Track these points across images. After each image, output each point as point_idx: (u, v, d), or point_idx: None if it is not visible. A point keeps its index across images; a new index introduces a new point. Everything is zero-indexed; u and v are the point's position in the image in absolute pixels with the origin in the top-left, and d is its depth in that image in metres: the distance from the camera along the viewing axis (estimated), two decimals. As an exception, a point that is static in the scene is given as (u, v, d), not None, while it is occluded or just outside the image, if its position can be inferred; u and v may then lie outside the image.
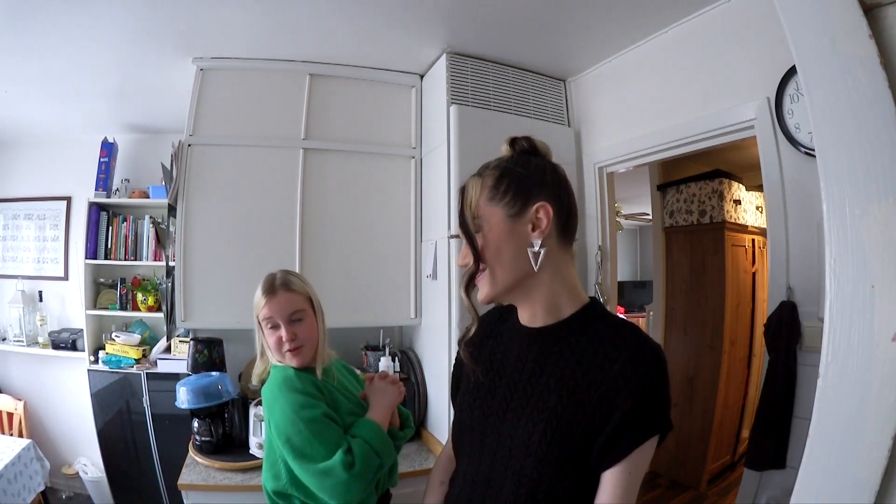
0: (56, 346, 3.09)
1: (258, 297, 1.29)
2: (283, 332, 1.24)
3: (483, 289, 0.82)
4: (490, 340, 0.93)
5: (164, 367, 2.82)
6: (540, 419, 0.77)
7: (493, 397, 0.86)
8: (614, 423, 0.72)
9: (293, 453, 1.11)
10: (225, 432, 1.99)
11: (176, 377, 2.37)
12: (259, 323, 1.29)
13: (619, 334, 0.78)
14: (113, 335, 3.02)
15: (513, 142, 0.86)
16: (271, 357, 1.28)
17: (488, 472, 0.83)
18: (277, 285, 1.28)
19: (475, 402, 0.89)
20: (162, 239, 3.10)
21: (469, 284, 0.83)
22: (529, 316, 0.85)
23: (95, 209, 3.09)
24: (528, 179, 0.81)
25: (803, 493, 0.56)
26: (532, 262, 0.79)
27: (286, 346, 1.24)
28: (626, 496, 0.72)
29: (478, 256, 0.80)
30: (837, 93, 0.54)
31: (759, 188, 3.29)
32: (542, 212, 0.79)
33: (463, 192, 0.84)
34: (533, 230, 0.79)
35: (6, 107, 2.74)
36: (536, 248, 0.79)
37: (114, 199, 3.14)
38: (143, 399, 2.81)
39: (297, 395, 1.15)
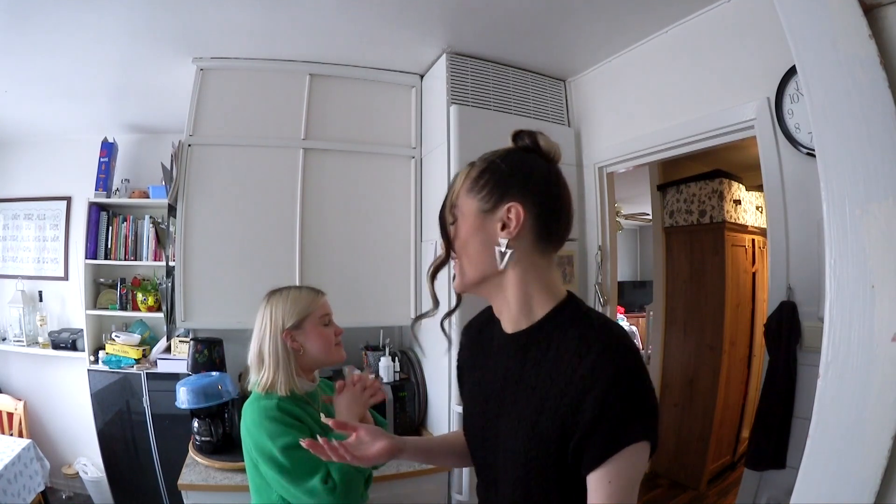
0: (56, 346, 3.09)
1: (306, 299, 1.31)
2: (336, 328, 1.33)
3: (456, 279, 0.83)
4: (480, 347, 0.92)
5: (164, 367, 2.82)
6: (521, 427, 0.76)
7: (488, 404, 0.85)
8: (581, 429, 0.69)
9: (279, 474, 1.14)
10: (225, 432, 1.99)
11: (176, 377, 2.37)
12: (300, 328, 1.27)
13: (586, 336, 0.74)
14: (113, 335, 3.02)
15: (515, 136, 0.83)
16: (290, 371, 1.24)
17: (493, 475, 0.84)
18: (320, 290, 1.38)
19: (475, 409, 0.89)
20: (162, 239, 3.10)
21: (435, 273, 0.84)
22: (506, 319, 0.83)
23: (95, 209, 3.09)
24: (508, 177, 0.78)
25: (803, 493, 0.56)
26: (497, 261, 0.78)
27: (339, 340, 1.32)
28: None
29: (448, 245, 0.81)
30: (837, 93, 0.54)
31: (759, 188, 3.29)
32: (513, 212, 0.76)
33: (454, 181, 0.84)
34: (502, 229, 0.77)
35: (6, 107, 2.74)
36: (503, 248, 0.77)
37: (114, 199, 3.14)
38: (143, 399, 2.81)
39: (272, 424, 1.17)
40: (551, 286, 0.81)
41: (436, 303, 0.86)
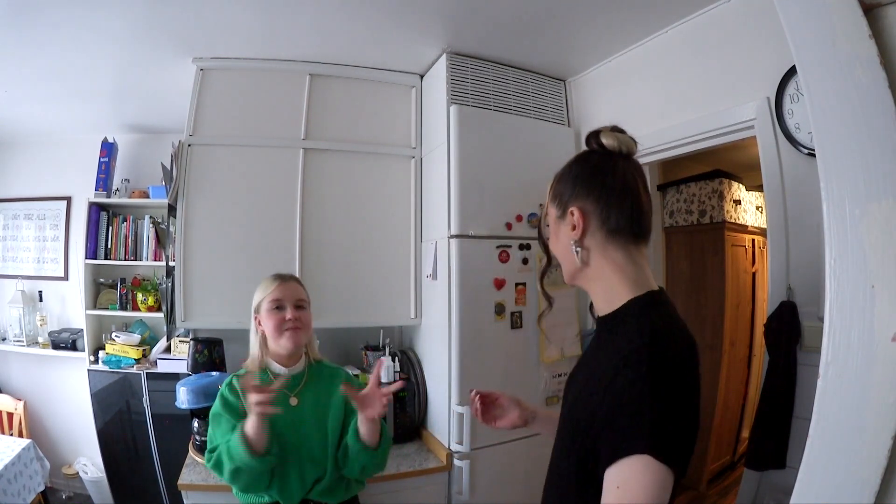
0: (56, 346, 3.09)
1: (265, 285, 1.42)
2: (287, 313, 1.37)
3: (564, 276, 0.93)
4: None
5: (164, 367, 2.82)
6: (566, 410, 0.85)
7: (571, 384, 0.95)
8: (598, 424, 0.72)
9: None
10: (225, 432, 1.99)
11: (176, 377, 2.37)
12: (260, 312, 1.40)
13: (631, 334, 0.75)
14: (113, 335, 3.02)
15: (586, 140, 0.89)
16: (255, 353, 1.41)
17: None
18: (287, 276, 1.45)
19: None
20: (162, 239, 3.10)
21: (543, 277, 0.97)
22: (597, 308, 0.89)
23: (95, 209, 3.09)
24: (570, 182, 0.87)
25: (803, 493, 0.56)
26: (576, 259, 0.85)
27: (287, 325, 1.36)
28: None
29: (546, 251, 0.94)
30: (837, 93, 0.54)
31: (759, 188, 3.29)
32: (575, 214, 0.84)
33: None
34: (573, 230, 0.84)
35: (6, 107, 2.74)
36: (574, 248, 0.85)
37: (114, 199, 3.14)
38: (143, 399, 2.81)
39: (218, 396, 1.37)
40: (633, 278, 0.83)
41: (549, 302, 0.99)
